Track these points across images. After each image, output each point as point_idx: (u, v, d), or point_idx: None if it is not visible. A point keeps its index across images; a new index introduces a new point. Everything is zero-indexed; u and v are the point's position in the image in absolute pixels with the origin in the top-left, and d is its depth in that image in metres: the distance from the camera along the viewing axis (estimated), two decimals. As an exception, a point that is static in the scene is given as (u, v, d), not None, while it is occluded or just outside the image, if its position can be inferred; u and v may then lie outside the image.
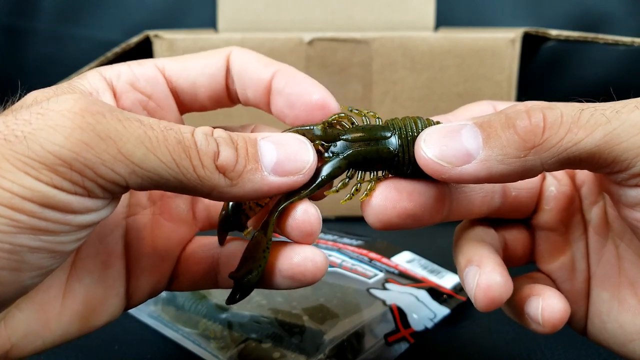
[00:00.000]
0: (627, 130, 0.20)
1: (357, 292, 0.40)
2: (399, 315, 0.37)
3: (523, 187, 0.27)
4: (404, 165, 0.24)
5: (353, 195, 0.24)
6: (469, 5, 0.73)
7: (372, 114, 0.25)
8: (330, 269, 0.43)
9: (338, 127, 0.25)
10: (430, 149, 0.22)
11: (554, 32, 0.53)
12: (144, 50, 0.55)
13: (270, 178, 0.22)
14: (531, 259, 0.28)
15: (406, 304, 0.39)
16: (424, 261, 0.46)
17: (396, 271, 0.44)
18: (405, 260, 0.46)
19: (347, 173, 0.24)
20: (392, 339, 0.36)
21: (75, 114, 0.18)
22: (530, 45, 0.60)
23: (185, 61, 0.26)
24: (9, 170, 0.18)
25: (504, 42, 0.53)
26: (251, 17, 0.60)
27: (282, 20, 0.61)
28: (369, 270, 0.43)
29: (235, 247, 0.27)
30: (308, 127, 0.24)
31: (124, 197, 0.26)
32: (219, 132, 0.22)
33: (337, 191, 0.24)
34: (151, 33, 0.53)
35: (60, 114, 0.18)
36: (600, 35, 0.52)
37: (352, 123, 0.25)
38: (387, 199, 0.23)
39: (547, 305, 0.24)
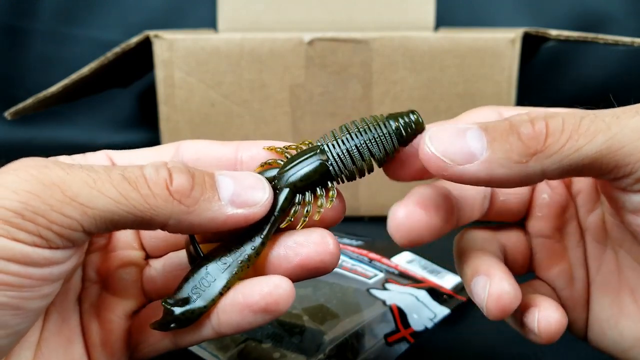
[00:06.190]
0: (628, 135, 0.20)
1: (357, 292, 0.40)
2: (399, 315, 0.37)
3: (512, 192, 0.27)
4: (345, 168, 0.25)
5: (307, 219, 0.24)
6: (469, 5, 0.73)
7: (307, 142, 0.26)
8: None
9: (276, 165, 0.25)
10: (435, 145, 0.22)
11: (554, 32, 0.53)
12: (144, 51, 0.55)
13: (228, 209, 0.22)
14: (530, 268, 0.29)
15: (406, 304, 0.39)
16: (424, 261, 0.46)
17: (396, 271, 0.44)
18: (405, 260, 0.46)
19: (297, 200, 0.25)
20: (392, 339, 0.36)
21: (21, 170, 0.20)
22: (530, 45, 0.60)
23: (133, 151, 0.27)
24: None
25: (504, 42, 0.53)
26: (251, 17, 0.60)
27: (282, 20, 0.61)
28: (369, 270, 0.43)
29: None
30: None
31: (78, 272, 0.25)
32: (173, 162, 0.22)
33: (292, 219, 0.25)
34: (151, 33, 0.53)
35: (7, 174, 0.19)
36: (600, 35, 0.52)
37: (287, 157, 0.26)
38: (416, 217, 0.24)
39: (543, 317, 0.24)
